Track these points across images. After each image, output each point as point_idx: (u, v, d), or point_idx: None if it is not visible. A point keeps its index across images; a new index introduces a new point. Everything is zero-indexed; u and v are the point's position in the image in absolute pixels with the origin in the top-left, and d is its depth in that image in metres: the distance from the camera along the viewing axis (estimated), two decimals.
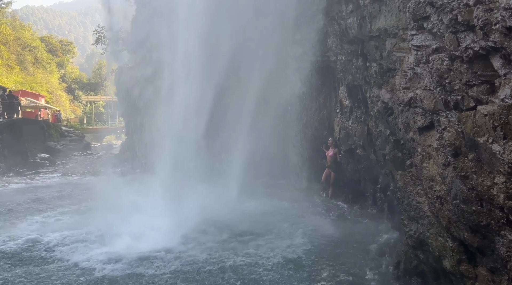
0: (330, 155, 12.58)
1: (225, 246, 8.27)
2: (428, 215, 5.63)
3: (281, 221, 10.11)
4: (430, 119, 5.13)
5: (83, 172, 21.16)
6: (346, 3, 9.53)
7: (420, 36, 5.26)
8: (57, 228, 9.63)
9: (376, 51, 8.20)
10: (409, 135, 5.80)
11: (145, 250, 7.82)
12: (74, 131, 34.61)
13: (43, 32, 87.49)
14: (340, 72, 11.00)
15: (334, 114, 12.61)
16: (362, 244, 8.44)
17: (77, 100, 60.89)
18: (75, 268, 7.22)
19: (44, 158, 24.71)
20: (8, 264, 7.50)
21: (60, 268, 7.23)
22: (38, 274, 6.96)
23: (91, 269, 7.14)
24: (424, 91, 5.14)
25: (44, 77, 51.65)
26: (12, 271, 7.15)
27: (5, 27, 46.17)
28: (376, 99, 8.25)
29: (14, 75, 44.88)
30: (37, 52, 52.91)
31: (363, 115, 10.30)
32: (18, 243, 8.52)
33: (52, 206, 12.45)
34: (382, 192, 10.42)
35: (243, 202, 11.47)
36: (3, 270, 7.20)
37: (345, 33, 9.82)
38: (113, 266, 7.21)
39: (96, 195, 10.93)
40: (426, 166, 5.33)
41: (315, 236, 8.92)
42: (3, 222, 10.54)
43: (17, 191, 15.70)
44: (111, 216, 8.97)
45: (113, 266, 7.21)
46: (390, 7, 7.40)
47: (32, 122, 27.64)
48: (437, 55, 4.81)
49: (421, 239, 5.99)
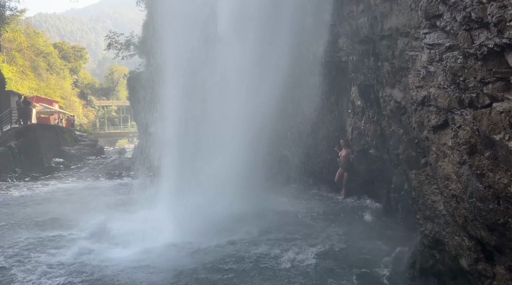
0: (343, 155, 12.57)
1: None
2: (444, 214, 5.60)
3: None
4: (444, 118, 5.10)
5: (97, 176, 21.41)
6: (357, 3, 9.52)
7: (433, 35, 5.24)
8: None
9: (388, 51, 8.18)
10: (423, 134, 5.77)
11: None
12: (88, 136, 35.08)
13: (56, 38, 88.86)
14: (352, 72, 10.98)
15: (346, 114, 12.58)
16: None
17: (90, 105, 61.74)
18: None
19: (59, 163, 25.06)
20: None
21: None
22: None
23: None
24: (438, 89, 5.12)
25: (57, 83, 52.47)
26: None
27: (19, 34, 47.02)
28: (389, 99, 8.22)
29: (29, 81, 45.69)
30: (51, 58, 53.78)
31: (376, 115, 10.27)
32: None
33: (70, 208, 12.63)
34: (396, 192, 10.35)
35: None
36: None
37: (356, 33, 9.81)
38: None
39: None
40: (441, 165, 5.29)
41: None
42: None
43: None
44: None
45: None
46: (401, 6, 7.38)
47: (46, 128, 28.08)
48: (450, 53, 4.78)
49: (437, 238, 5.95)
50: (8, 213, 11.97)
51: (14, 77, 41.71)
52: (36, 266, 7.34)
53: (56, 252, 8.10)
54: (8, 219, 11.22)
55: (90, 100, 62.25)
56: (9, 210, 12.42)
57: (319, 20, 11.21)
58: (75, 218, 10.58)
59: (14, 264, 7.56)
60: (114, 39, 32.67)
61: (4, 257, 7.92)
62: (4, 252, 8.23)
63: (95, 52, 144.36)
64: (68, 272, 7.03)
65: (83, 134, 35.10)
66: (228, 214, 9.52)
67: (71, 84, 58.00)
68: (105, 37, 33.39)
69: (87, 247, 8.04)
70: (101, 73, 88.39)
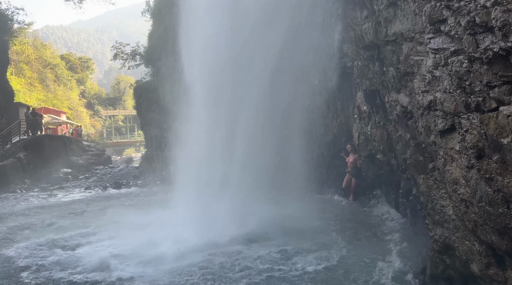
0: (350, 161, 12.55)
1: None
2: (453, 218, 5.56)
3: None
4: (451, 122, 5.10)
5: (105, 186, 21.52)
6: (361, 9, 9.56)
7: (438, 39, 5.25)
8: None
9: (393, 56, 8.20)
10: (430, 139, 5.76)
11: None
12: (95, 145, 35.33)
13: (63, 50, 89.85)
14: (357, 77, 10.99)
15: (352, 120, 12.58)
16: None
17: (97, 115, 62.22)
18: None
19: (67, 173, 25.25)
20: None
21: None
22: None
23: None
24: (444, 94, 5.12)
25: (64, 94, 53.02)
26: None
27: (27, 47, 47.65)
28: (395, 104, 8.21)
29: (37, 93, 46.22)
30: (58, 70, 54.39)
31: (382, 120, 10.26)
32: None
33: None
34: (404, 197, 10.30)
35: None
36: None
37: (360, 39, 9.84)
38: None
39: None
40: (449, 169, 5.27)
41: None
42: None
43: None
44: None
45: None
46: (405, 11, 7.40)
47: (55, 139, 28.34)
48: (455, 57, 4.79)
49: (447, 243, 5.91)
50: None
51: (22, 89, 42.22)
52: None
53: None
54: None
55: (97, 110, 62.78)
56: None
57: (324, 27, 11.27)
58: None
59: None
60: (120, 49, 33.00)
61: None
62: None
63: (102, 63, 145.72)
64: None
65: (90, 144, 35.36)
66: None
67: (78, 95, 58.56)
68: (111, 48, 33.74)
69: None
70: (107, 83, 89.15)
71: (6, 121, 25.34)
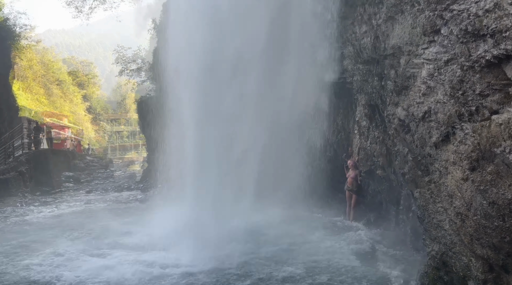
0: (351, 176, 12.35)
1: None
2: (450, 233, 5.39)
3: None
4: (445, 133, 4.99)
5: (105, 200, 21.40)
6: (359, 24, 9.58)
7: (432, 49, 5.20)
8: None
9: (391, 70, 8.15)
10: (425, 151, 5.64)
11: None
12: (99, 160, 35.34)
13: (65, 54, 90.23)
14: (357, 92, 10.94)
15: (353, 135, 12.47)
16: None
17: (102, 130, 62.61)
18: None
19: (69, 187, 25.21)
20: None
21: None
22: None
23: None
24: (438, 104, 5.03)
25: (70, 109, 53.45)
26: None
27: (35, 63, 48.32)
28: (393, 118, 8.12)
29: (43, 108, 46.61)
30: (64, 86, 55.00)
31: (381, 135, 10.14)
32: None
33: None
34: (404, 214, 10.09)
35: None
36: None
37: (359, 54, 9.83)
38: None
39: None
40: (445, 182, 5.14)
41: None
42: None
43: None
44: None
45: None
46: (403, 25, 7.39)
47: (58, 153, 28.39)
48: (449, 67, 4.72)
49: (444, 259, 5.72)
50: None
51: (28, 104, 42.63)
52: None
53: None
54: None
55: (102, 126, 63.22)
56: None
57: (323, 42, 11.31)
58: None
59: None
60: (122, 53, 33.25)
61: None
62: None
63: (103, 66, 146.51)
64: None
65: (94, 159, 35.39)
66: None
67: (84, 111, 59.03)
68: (113, 52, 34.01)
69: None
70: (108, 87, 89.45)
71: (10, 135, 25.48)
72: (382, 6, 7.83)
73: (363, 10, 8.86)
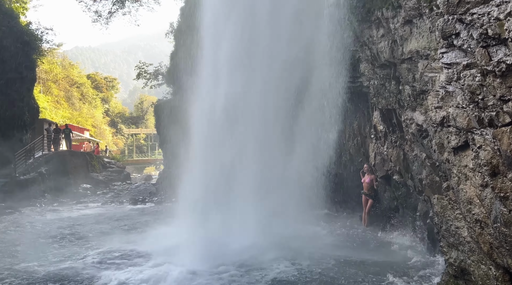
0: (366, 181, 12.22)
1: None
2: (468, 240, 5.29)
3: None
4: (464, 139, 4.90)
5: (122, 201, 21.68)
6: (377, 28, 9.50)
7: (451, 54, 5.12)
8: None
9: (408, 74, 8.07)
10: (443, 157, 5.55)
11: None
12: (116, 162, 35.79)
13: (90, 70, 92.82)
14: (374, 97, 10.85)
15: (369, 140, 12.36)
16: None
17: (119, 133, 63.42)
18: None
19: (86, 188, 25.58)
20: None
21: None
22: None
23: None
24: (457, 109, 4.95)
25: (89, 112, 54.37)
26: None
27: (56, 66, 49.37)
28: (410, 122, 8.03)
29: (62, 110, 47.55)
30: (84, 88, 56.00)
31: (398, 139, 10.03)
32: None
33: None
34: (421, 220, 9.93)
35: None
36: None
37: (376, 58, 9.75)
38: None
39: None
40: (463, 188, 5.05)
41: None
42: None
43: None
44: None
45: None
46: (421, 29, 7.32)
47: (76, 155, 28.88)
48: (468, 71, 4.64)
49: (462, 267, 5.60)
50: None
51: (49, 106, 43.54)
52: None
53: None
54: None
55: (120, 128, 64.03)
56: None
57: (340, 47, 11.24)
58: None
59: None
60: (144, 69, 33.79)
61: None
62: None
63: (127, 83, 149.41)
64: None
65: (111, 161, 35.86)
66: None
67: (102, 113, 59.97)
68: (135, 67, 34.59)
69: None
70: (131, 102, 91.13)
71: (31, 136, 26.04)
72: (400, 10, 7.76)
73: (381, 14, 8.79)
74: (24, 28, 24.98)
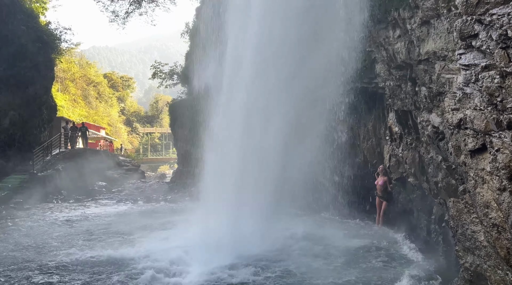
0: (380, 183, 12.11)
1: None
2: (485, 245, 5.19)
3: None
4: (482, 141, 4.82)
5: (136, 199, 21.91)
6: (393, 28, 9.41)
7: (469, 55, 5.03)
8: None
9: (425, 75, 7.97)
10: (460, 159, 5.46)
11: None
12: (131, 161, 36.19)
13: (107, 69, 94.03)
14: (389, 98, 10.74)
15: (384, 141, 12.24)
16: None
17: (134, 132, 64.10)
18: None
19: (101, 186, 25.94)
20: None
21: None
22: None
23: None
24: (474, 111, 4.86)
25: (105, 110, 55.09)
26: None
27: (74, 65, 50.16)
28: (426, 124, 7.93)
29: (79, 109, 48.29)
30: (100, 87, 56.77)
31: (414, 141, 9.91)
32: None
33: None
34: (436, 224, 9.79)
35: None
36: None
37: (392, 59, 9.65)
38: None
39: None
40: (480, 192, 4.96)
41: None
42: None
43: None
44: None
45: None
46: (438, 30, 7.22)
47: (92, 152, 29.30)
48: (486, 73, 4.56)
49: (478, 272, 5.51)
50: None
51: (66, 104, 44.25)
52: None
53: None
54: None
55: (135, 127, 64.72)
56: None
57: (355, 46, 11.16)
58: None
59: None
60: (159, 68, 34.09)
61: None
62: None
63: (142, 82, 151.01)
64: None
65: (126, 159, 36.27)
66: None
67: (118, 112, 60.70)
68: (151, 67, 34.91)
69: None
70: (147, 102, 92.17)
71: (48, 134, 26.50)
72: (417, 10, 7.67)
73: (397, 14, 8.70)
74: (43, 28, 25.44)
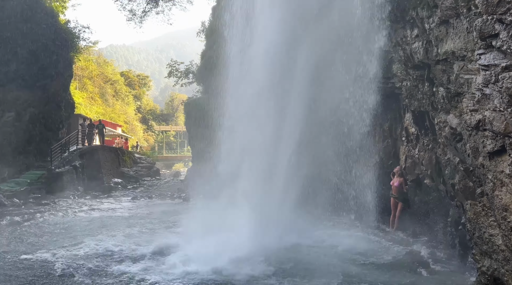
0: (395, 185, 11.95)
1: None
2: (503, 249, 5.10)
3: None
4: (501, 143, 4.73)
5: (151, 196, 22.14)
6: (411, 28, 9.30)
7: (489, 55, 4.95)
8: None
9: (443, 75, 7.85)
10: (478, 161, 5.37)
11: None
12: (146, 158, 36.60)
13: (124, 67, 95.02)
14: (406, 98, 10.61)
15: (400, 142, 12.10)
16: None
17: (150, 130, 64.75)
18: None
19: (117, 183, 26.29)
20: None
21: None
22: None
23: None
24: (494, 112, 4.78)
25: (122, 108, 55.76)
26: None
27: (91, 63, 50.90)
28: (444, 125, 7.82)
29: (97, 106, 48.98)
30: (117, 85, 57.48)
31: (431, 142, 9.78)
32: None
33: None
34: (453, 226, 9.64)
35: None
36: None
37: (410, 59, 9.53)
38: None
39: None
40: (499, 194, 4.87)
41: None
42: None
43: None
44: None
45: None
46: (457, 29, 7.10)
47: (109, 150, 29.72)
48: (507, 73, 4.48)
49: (496, 276, 5.41)
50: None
51: (84, 102, 44.95)
52: None
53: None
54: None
55: (151, 125, 65.38)
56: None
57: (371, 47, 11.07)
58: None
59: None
60: (175, 67, 34.34)
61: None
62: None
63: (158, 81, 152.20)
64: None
65: (141, 156, 36.71)
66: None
67: (134, 110, 61.39)
68: (167, 66, 35.20)
69: None
70: (162, 100, 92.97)
71: (66, 131, 26.96)
72: (436, 10, 7.56)
73: (415, 14, 8.59)
74: (62, 27, 25.87)
